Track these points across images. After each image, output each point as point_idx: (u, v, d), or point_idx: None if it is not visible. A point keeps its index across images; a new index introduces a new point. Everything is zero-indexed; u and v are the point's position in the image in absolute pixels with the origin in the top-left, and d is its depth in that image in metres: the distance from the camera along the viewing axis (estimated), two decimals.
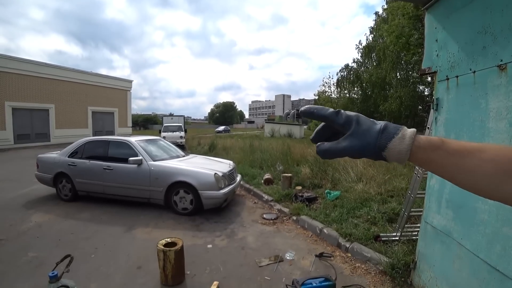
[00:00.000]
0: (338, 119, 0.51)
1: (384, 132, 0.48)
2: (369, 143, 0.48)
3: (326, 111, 0.52)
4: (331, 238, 3.72)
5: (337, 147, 0.51)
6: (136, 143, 5.36)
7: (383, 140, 0.47)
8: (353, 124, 0.50)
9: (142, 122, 57.73)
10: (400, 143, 0.46)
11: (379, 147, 0.47)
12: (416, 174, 3.02)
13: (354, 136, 0.49)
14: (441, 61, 2.28)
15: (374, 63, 18.55)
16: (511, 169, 0.42)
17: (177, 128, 17.88)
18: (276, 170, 7.47)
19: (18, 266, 3.13)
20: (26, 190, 6.43)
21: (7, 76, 18.20)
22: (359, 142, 0.49)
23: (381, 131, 0.48)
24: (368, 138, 0.48)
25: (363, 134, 0.49)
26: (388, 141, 0.47)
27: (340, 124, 0.51)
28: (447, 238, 2.19)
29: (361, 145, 0.48)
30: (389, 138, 0.47)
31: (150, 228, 4.24)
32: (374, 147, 0.48)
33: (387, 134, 0.47)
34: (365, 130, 0.49)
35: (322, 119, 0.54)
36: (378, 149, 0.48)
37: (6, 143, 17.64)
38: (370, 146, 0.48)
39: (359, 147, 0.49)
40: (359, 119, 0.51)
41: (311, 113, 0.54)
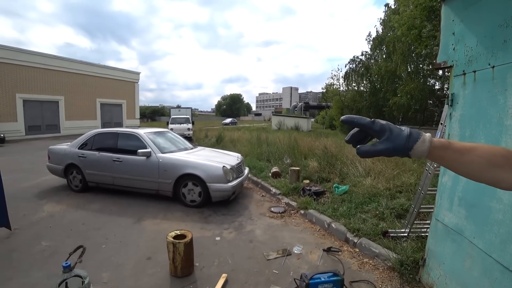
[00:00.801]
0: (375, 127, 0.65)
1: (410, 137, 0.63)
2: (400, 145, 0.63)
3: (365, 120, 0.66)
4: (339, 233, 3.72)
5: (376, 149, 0.65)
6: (145, 135, 5.40)
7: (410, 143, 0.63)
8: (387, 131, 0.64)
9: (150, 114, 57.99)
10: (422, 145, 0.63)
11: (407, 148, 0.63)
12: (427, 171, 2.96)
13: (388, 140, 0.64)
14: (457, 55, 2.21)
15: (384, 55, 18.21)
16: (493, 160, 0.62)
17: (185, 120, 17.93)
18: (283, 163, 7.46)
19: (32, 255, 3.21)
20: (38, 181, 6.56)
21: (17, 68, 18.44)
22: (392, 145, 0.63)
23: (408, 136, 0.63)
24: (399, 142, 0.63)
25: (395, 139, 0.63)
26: (413, 144, 0.63)
27: (375, 131, 0.65)
28: (458, 237, 2.16)
29: (393, 147, 0.63)
30: (414, 141, 0.63)
31: (159, 220, 4.30)
32: (403, 149, 0.63)
33: (413, 138, 0.63)
34: (396, 136, 0.64)
35: (360, 127, 0.67)
36: (407, 150, 0.63)
37: (17, 134, 17.98)
38: (400, 148, 0.63)
39: (392, 149, 0.63)
40: (390, 127, 0.65)
41: (352, 121, 0.67)
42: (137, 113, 30.31)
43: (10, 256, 3.17)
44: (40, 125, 20.17)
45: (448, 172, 2.35)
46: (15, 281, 2.70)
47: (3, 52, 17.52)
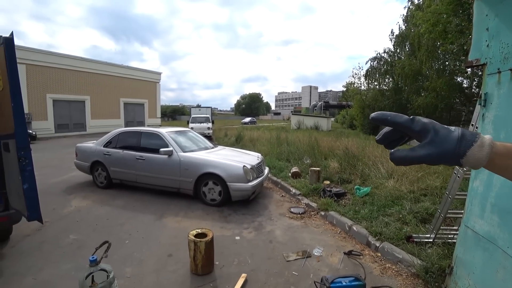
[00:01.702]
0: (414, 126, 0.52)
1: (463, 140, 0.49)
2: (448, 151, 0.49)
3: (401, 118, 0.53)
4: (360, 236, 3.63)
5: (415, 155, 0.51)
6: (166, 134, 5.52)
7: (462, 148, 0.48)
8: (431, 132, 0.51)
9: (170, 113, 59.28)
10: (479, 151, 0.48)
11: (458, 155, 0.49)
12: (456, 174, 2.82)
13: (432, 144, 0.50)
14: (492, 52, 2.08)
15: (407, 53, 17.57)
16: None
17: (205, 119, 18.17)
18: (303, 163, 7.38)
19: (61, 247, 3.36)
20: (66, 177, 6.88)
21: (48, 70, 19.46)
22: (437, 150, 0.49)
23: (460, 139, 0.49)
24: (447, 146, 0.49)
25: (442, 142, 0.50)
26: (467, 149, 0.48)
27: (416, 132, 0.52)
28: (490, 245, 2.03)
29: (439, 153, 0.49)
30: (467, 146, 0.48)
31: (180, 217, 4.37)
32: (453, 155, 0.49)
33: (466, 142, 0.49)
34: (443, 138, 0.50)
35: (396, 126, 0.54)
36: (457, 157, 0.49)
37: (47, 132, 18.95)
38: (449, 154, 0.49)
39: (437, 155, 0.49)
40: (435, 127, 0.51)
41: (385, 119, 0.54)
42: (159, 112, 31.06)
43: (41, 248, 3.34)
44: (68, 124, 21.15)
45: (480, 176, 2.22)
46: (45, 271, 2.84)
47: (35, 55, 18.52)
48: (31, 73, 18.23)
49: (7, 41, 2.49)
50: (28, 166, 2.63)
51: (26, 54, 17.67)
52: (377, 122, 0.55)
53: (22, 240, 3.52)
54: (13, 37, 2.52)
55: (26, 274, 2.78)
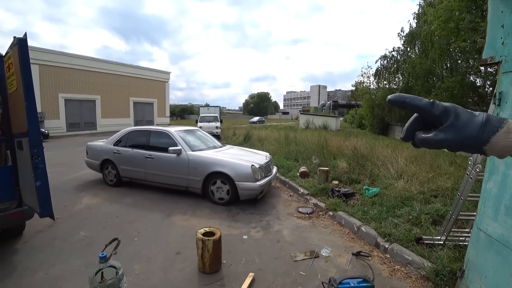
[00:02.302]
0: (435, 110, 0.49)
1: (487, 125, 0.46)
2: (470, 136, 0.46)
3: (421, 101, 0.50)
4: (369, 237, 3.58)
5: (434, 139, 0.49)
6: (175, 133, 5.55)
7: (485, 134, 0.45)
8: (451, 116, 0.48)
9: (179, 112, 59.70)
10: (505, 137, 0.45)
11: (481, 141, 0.46)
12: (468, 175, 2.75)
13: (453, 128, 0.47)
14: (507, 50, 2.02)
15: (418, 51, 17.23)
16: None
17: (213, 118, 18.25)
18: (312, 163, 7.34)
19: (72, 244, 3.42)
20: (77, 174, 7.00)
21: (60, 70, 19.86)
22: (459, 135, 0.47)
23: (484, 124, 0.46)
24: (468, 131, 0.46)
25: (463, 126, 0.47)
26: (491, 135, 0.45)
27: (436, 116, 0.49)
28: (504, 249, 1.98)
29: (460, 138, 0.47)
30: (492, 132, 0.45)
31: (188, 216, 4.40)
32: (475, 141, 0.46)
33: (490, 127, 0.45)
34: (465, 122, 0.47)
35: (415, 110, 0.51)
36: (480, 143, 0.46)
37: (59, 131, 19.33)
38: (470, 140, 0.46)
39: (458, 140, 0.47)
40: (457, 110, 0.48)
41: (403, 102, 0.50)
42: (167, 111, 31.34)
43: (53, 244, 3.41)
44: (79, 123, 21.54)
45: (494, 177, 2.16)
46: (57, 267, 2.89)
47: (48, 56, 18.93)
48: (43, 73, 18.62)
49: (20, 42, 2.54)
50: (41, 163, 2.68)
51: (39, 55, 18.05)
52: (395, 105, 0.52)
53: (35, 236, 3.60)
54: (26, 38, 2.57)
55: (38, 269, 2.84)
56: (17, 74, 2.64)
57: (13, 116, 3.08)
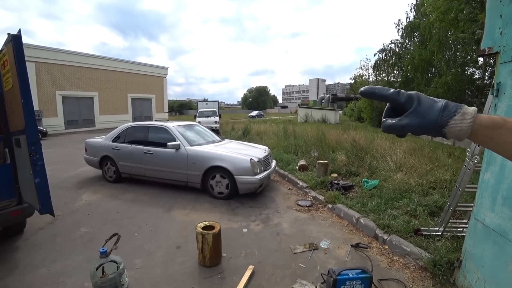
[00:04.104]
0: (400, 98, 0.54)
1: (445, 110, 0.50)
2: (430, 120, 0.51)
3: (387, 91, 0.55)
4: (367, 229, 3.61)
5: (399, 123, 0.53)
6: (174, 128, 5.55)
7: (444, 118, 0.50)
8: (415, 102, 0.52)
9: (178, 107, 59.45)
10: (461, 121, 0.49)
11: (440, 125, 0.50)
12: (466, 166, 2.76)
13: (415, 113, 0.52)
14: (505, 40, 2.01)
15: (417, 43, 17.11)
16: None
17: (212, 113, 18.20)
18: (310, 156, 7.35)
19: (73, 240, 3.45)
20: (76, 171, 7.01)
21: (57, 67, 19.75)
22: (421, 119, 0.51)
23: (442, 109, 0.51)
24: (429, 115, 0.51)
25: (425, 112, 0.51)
26: (449, 119, 0.50)
27: (401, 103, 0.54)
28: (501, 239, 2.00)
29: (422, 122, 0.51)
30: (450, 116, 0.50)
31: (187, 210, 4.42)
32: (435, 124, 0.51)
33: (448, 112, 0.50)
34: (427, 108, 0.52)
35: (383, 99, 0.55)
36: (439, 127, 0.51)
37: (58, 128, 19.30)
38: (431, 124, 0.51)
39: (420, 124, 0.52)
40: (420, 97, 0.53)
41: (372, 93, 0.56)
42: (166, 107, 31.27)
43: (54, 240, 3.43)
44: (77, 120, 21.50)
45: (491, 168, 2.18)
46: (58, 263, 2.91)
47: (44, 53, 18.78)
48: (40, 70, 18.51)
49: (15, 38, 2.52)
50: (39, 160, 2.68)
51: (35, 52, 17.92)
52: (366, 96, 0.56)
53: (36, 233, 3.62)
54: (20, 34, 2.55)
55: (40, 266, 2.86)
56: (12, 71, 2.63)
57: (10, 114, 3.07)
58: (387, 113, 0.58)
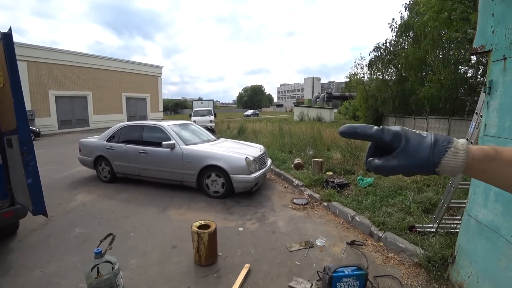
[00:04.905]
0: (385, 136, 0.49)
1: (436, 147, 0.46)
2: (421, 160, 0.47)
3: (371, 129, 0.50)
4: (363, 226, 3.63)
5: (388, 165, 0.49)
6: (169, 127, 5.52)
7: (436, 156, 0.46)
8: (402, 141, 0.48)
9: (173, 106, 59.07)
10: (454, 158, 0.46)
11: (432, 163, 0.46)
12: None
13: (404, 153, 0.48)
14: (497, 38, 2.04)
15: (411, 42, 17.23)
16: None
17: (207, 112, 18.16)
18: (306, 154, 7.37)
19: (67, 241, 3.41)
20: (70, 172, 6.94)
21: (50, 66, 19.49)
22: (411, 159, 0.47)
23: (433, 146, 0.47)
24: (419, 154, 0.47)
25: (414, 150, 0.47)
26: (441, 157, 0.46)
27: (387, 142, 0.49)
28: (493, 234, 2.03)
29: (412, 162, 0.47)
30: (441, 153, 0.46)
31: (183, 210, 4.40)
32: (427, 164, 0.46)
33: (439, 149, 0.46)
34: (415, 146, 0.47)
35: (367, 138, 0.51)
36: (432, 165, 0.46)
37: (51, 128, 19.07)
38: (422, 163, 0.47)
39: (411, 164, 0.47)
40: (407, 134, 0.49)
41: (354, 133, 0.51)
42: (161, 106, 31.09)
43: (47, 241, 3.39)
44: (71, 120, 21.26)
45: None
46: (52, 264, 2.88)
47: (36, 52, 18.53)
48: (32, 70, 18.24)
49: (5, 36, 2.48)
50: (32, 161, 2.65)
51: (27, 51, 17.67)
52: (347, 136, 0.52)
53: (29, 235, 3.57)
54: (11, 32, 2.51)
55: (34, 267, 2.83)
56: (3, 70, 2.59)
57: (1, 113, 3.02)
58: (371, 152, 0.54)
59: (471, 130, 2.63)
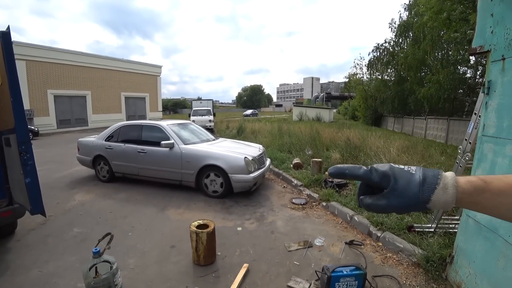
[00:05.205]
0: (374, 177, 0.50)
1: (425, 184, 0.47)
2: (411, 198, 0.47)
3: (359, 170, 0.52)
4: (361, 226, 3.63)
5: (379, 205, 0.50)
6: (167, 127, 5.51)
7: (425, 193, 0.46)
8: (391, 180, 0.49)
9: (172, 106, 59.04)
10: (444, 194, 0.46)
11: (423, 201, 0.47)
12: (458, 164, 2.80)
13: (394, 193, 0.48)
14: (496, 39, 2.04)
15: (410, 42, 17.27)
16: None
17: (206, 112, 18.15)
18: (305, 154, 7.37)
19: (66, 240, 3.40)
20: (69, 171, 6.92)
21: (48, 66, 19.44)
22: (401, 199, 0.48)
23: (421, 183, 0.47)
24: (409, 193, 0.47)
25: (404, 189, 0.48)
26: (431, 194, 0.46)
27: (376, 182, 0.50)
28: (492, 234, 2.03)
29: (403, 201, 0.48)
30: (431, 190, 0.46)
31: (182, 209, 4.40)
32: (417, 202, 0.47)
33: (428, 186, 0.47)
34: (405, 184, 0.48)
35: (356, 179, 0.52)
36: (422, 203, 0.47)
37: (50, 128, 19.04)
38: (413, 202, 0.47)
39: (401, 204, 0.48)
40: (395, 173, 0.49)
41: (343, 174, 0.52)
42: (160, 106, 31.05)
43: (46, 241, 3.38)
44: (70, 119, 21.22)
45: (482, 165, 2.21)
46: (51, 263, 2.88)
47: (35, 51, 18.49)
48: (31, 69, 18.20)
49: (3, 35, 2.47)
50: (30, 160, 2.64)
51: (26, 50, 17.63)
52: (336, 177, 0.53)
53: (27, 234, 3.56)
54: (9, 31, 2.50)
55: (32, 267, 2.82)
56: (1, 69, 2.58)
57: None
58: (362, 189, 0.55)
59: (469, 130, 2.64)
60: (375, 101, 20.57)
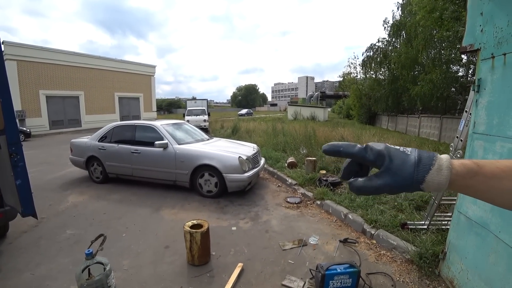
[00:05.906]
0: (368, 155, 0.50)
1: (420, 165, 0.47)
2: (406, 178, 0.47)
3: (354, 147, 0.51)
4: (356, 224, 3.66)
5: (372, 185, 0.49)
6: (161, 127, 5.48)
7: (420, 174, 0.46)
8: (386, 160, 0.48)
9: (166, 106, 58.77)
10: (438, 175, 0.46)
11: (417, 181, 0.46)
12: None
13: (388, 172, 0.48)
14: (486, 37, 2.07)
15: (403, 41, 17.41)
16: None
17: (201, 111, 18.10)
18: (299, 153, 7.40)
19: (59, 242, 3.37)
20: (62, 173, 6.85)
21: (40, 66, 19.20)
22: (395, 178, 0.47)
23: (416, 164, 0.47)
24: (403, 173, 0.47)
25: (398, 169, 0.47)
26: (425, 174, 0.46)
27: (371, 161, 0.50)
28: (483, 230, 2.06)
29: (397, 181, 0.47)
30: (425, 171, 0.46)
31: (176, 210, 4.38)
32: (411, 182, 0.46)
33: (423, 166, 0.47)
34: (399, 165, 0.47)
35: (350, 157, 0.52)
36: (416, 183, 0.46)
37: (42, 129, 18.81)
38: (407, 181, 0.47)
39: (395, 183, 0.47)
40: (390, 152, 0.49)
41: (338, 151, 0.52)
42: (154, 106, 30.87)
43: (38, 243, 3.34)
44: (63, 120, 21.00)
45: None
46: (43, 266, 2.84)
47: (26, 51, 18.24)
48: (22, 69, 17.96)
49: None
50: (20, 161, 2.61)
51: (17, 50, 17.40)
52: (331, 154, 0.52)
53: (19, 237, 3.52)
54: None
55: (24, 270, 2.78)
56: None
57: None
58: (350, 166, 0.54)
59: (461, 128, 2.67)
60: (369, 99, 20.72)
